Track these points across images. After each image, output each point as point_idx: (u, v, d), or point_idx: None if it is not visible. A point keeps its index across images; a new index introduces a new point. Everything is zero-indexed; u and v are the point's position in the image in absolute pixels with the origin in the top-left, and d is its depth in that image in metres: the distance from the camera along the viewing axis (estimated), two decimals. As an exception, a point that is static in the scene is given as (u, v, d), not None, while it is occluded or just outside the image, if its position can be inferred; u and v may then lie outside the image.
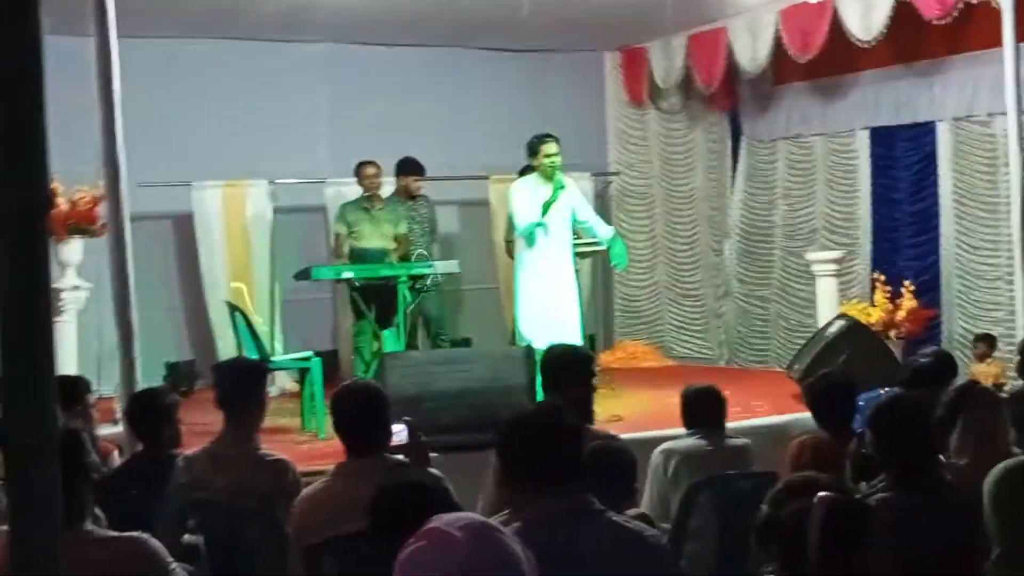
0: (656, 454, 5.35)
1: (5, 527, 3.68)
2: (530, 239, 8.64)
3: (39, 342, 2.02)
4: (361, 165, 9.87)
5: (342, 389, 4.27)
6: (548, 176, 8.57)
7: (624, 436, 5.17)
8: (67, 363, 8.03)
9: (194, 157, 10.51)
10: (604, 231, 9.01)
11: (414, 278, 9.33)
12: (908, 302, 9.83)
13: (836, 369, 6.57)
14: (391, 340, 9.02)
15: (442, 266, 9.54)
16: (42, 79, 2.03)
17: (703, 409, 5.51)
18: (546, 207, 8.50)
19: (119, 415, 7.00)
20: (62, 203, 8.45)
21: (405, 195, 10.22)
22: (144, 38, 9.40)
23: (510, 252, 9.67)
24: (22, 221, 1.99)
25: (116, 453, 5.88)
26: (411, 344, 9.61)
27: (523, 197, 8.65)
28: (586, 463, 2.99)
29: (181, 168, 10.36)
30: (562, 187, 8.55)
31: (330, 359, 9.61)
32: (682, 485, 5.09)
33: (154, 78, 9.93)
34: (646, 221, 12.54)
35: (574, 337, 8.27)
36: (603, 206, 12.16)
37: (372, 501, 2.82)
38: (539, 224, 8.54)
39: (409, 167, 10.19)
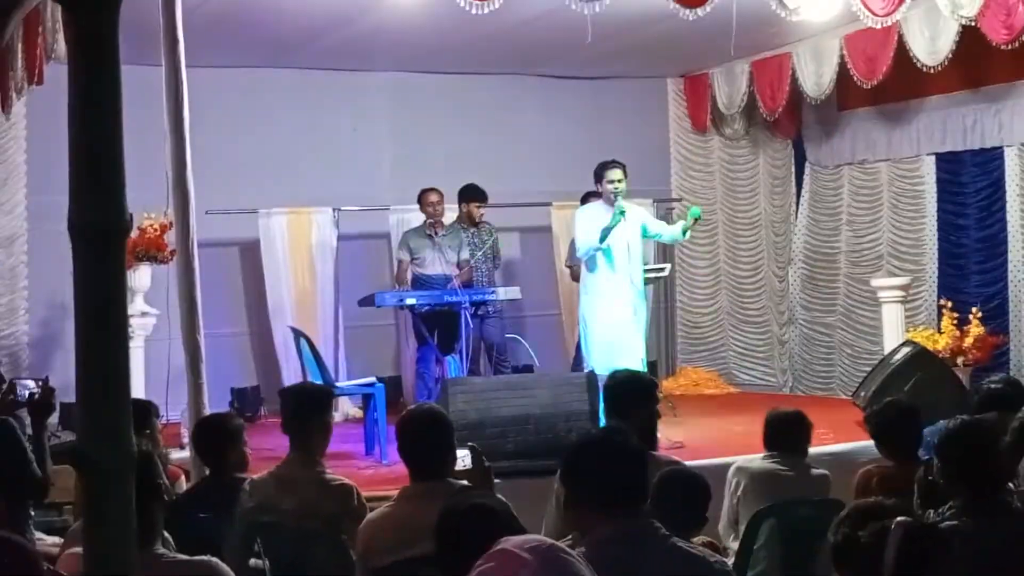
0: (731, 471, 5.36)
1: (75, 549, 3.75)
2: (590, 263, 8.65)
3: (115, 364, 2.06)
4: (424, 192, 9.95)
5: (407, 414, 4.30)
6: (612, 202, 8.57)
7: (687, 463, 5.16)
8: (135, 389, 8.13)
9: (260, 185, 10.66)
10: (675, 228, 8.97)
11: (477, 304, 9.39)
12: (975, 329, 9.72)
13: (900, 397, 6.49)
14: (454, 366, 9.06)
15: (504, 292, 9.57)
16: (120, 107, 2.08)
17: (783, 433, 5.48)
18: (605, 232, 8.49)
19: (185, 440, 7.09)
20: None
21: (468, 221, 10.26)
22: (212, 68, 9.55)
23: (575, 277, 9.69)
24: (101, 246, 2.04)
25: (183, 478, 5.96)
26: (473, 370, 9.65)
27: (585, 222, 8.66)
28: (658, 489, 3.00)
29: (248, 195, 10.49)
30: (622, 213, 8.52)
31: (393, 385, 9.67)
32: (750, 505, 5.08)
33: (221, 107, 10.10)
34: (709, 247, 12.50)
35: (637, 363, 8.25)
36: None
37: (438, 523, 2.84)
38: (599, 248, 8.53)
39: (471, 193, 10.24)
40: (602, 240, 8.48)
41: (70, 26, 2.07)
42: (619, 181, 8.57)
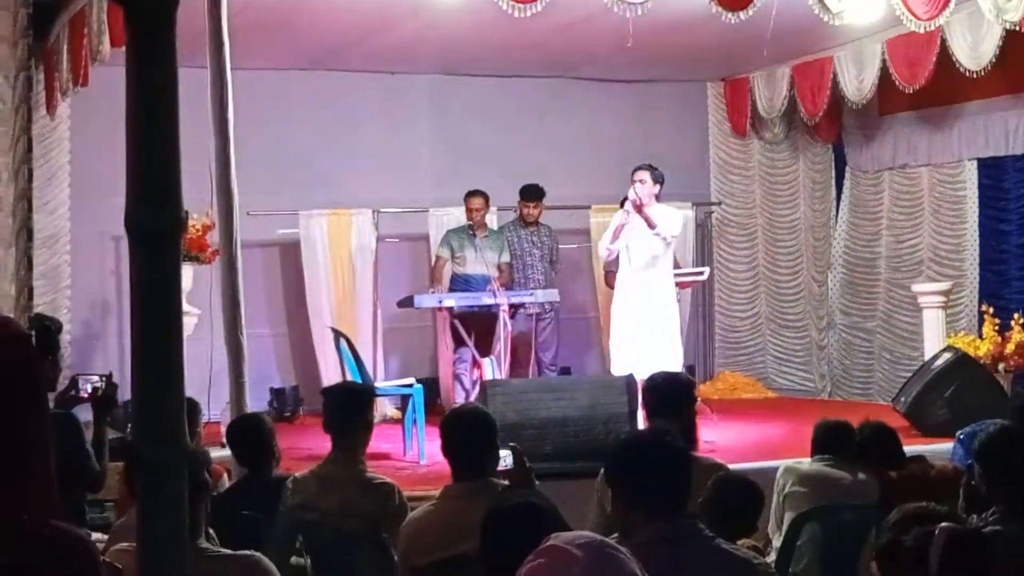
0: (779, 472, 5.36)
1: (121, 544, 3.78)
2: (615, 264, 8.78)
3: (170, 359, 2.09)
4: (469, 195, 9.99)
5: (452, 413, 4.33)
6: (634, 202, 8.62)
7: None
8: (177, 387, 8.20)
9: (301, 186, 10.72)
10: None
11: (516, 306, 9.43)
12: (1017, 335, 9.64)
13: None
14: (491, 368, 9.09)
15: (543, 295, 9.60)
16: (176, 106, 2.11)
17: (834, 440, 5.48)
18: (615, 232, 8.54)
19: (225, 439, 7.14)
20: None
21: (524, 220, 10.37)
22: (255, 70, 9.62)
23: (608, 283, 9.71)
24: (156, 242, 2.06)
25: (225, 476, 6.01)
26: (519, 372, 9.68)
27: (611, 224, 8.74)
28: (713, 492, 3.00)
29: (289, 196, 10.56)
30: (627, 211, 8.54)
31: (429, 386, 9.70)
32: (797, 505, 5.08)
33: (264, 109, 10.16)
34: (748, 251, 12.47)
35: (669, 364, 8.23)
36: (704, 236, 12.14)
37: (486, 521, 2.85)
38: (610, 248, 8.62)
39: (522, 192, 10.35)
40: (611, 240, 8.52)
41: (128, 25, 2.09)
42: (640, 182, 8.59)
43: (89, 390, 5.23)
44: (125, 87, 2.08)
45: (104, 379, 5.29)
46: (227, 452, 6.48)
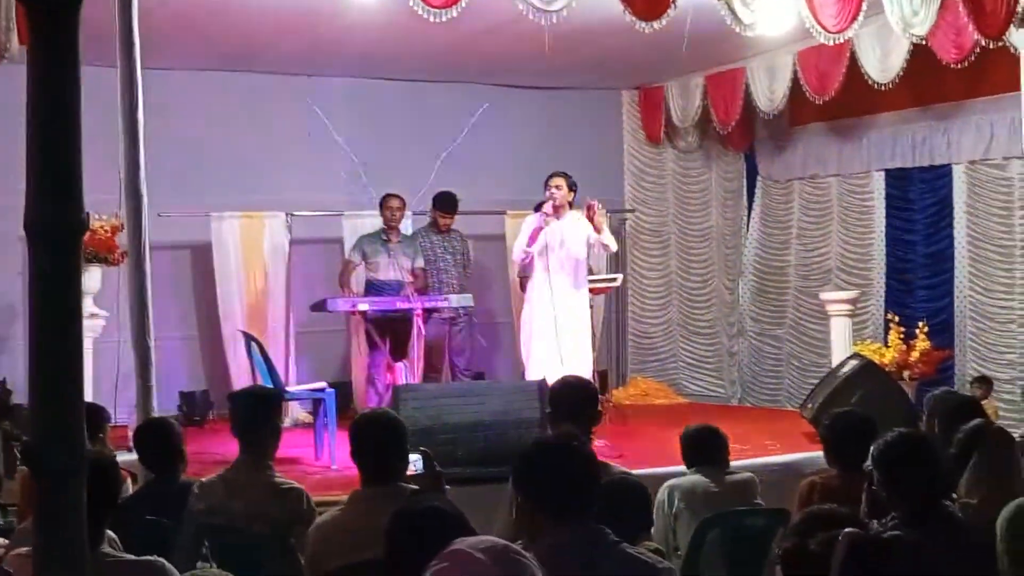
0: (661, 490, 5.37)
1: (22, 549, 3.72)
2: (528, 269, 8.81)
3: (69, 362, 2.06)
4: (386, 197, 9.98)
5: (362, 417, 4.31)
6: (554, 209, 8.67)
7: (633, 472, 5.19)
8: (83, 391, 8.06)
9: (214, 188, 10.60)
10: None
11: (430, 311, 9.42)
12: (922, 343, 9.85)
13: (858, 409, 6.40)
14: (404, 373, 9.06)
15: (457, 300, 9.59)
16: (79, 107, 2.08)
17: (703, 447, 5.51)
18: (531, 236, 8.58)
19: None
20: (83, 230, 8.50)
21: (437, 228, 10.36)
22: (168, 70, 9.51)
23: (523, 287, 9.73)
24: (56, 240, 2.03)
25: (130, 480, 5.93)
26: (433, 377, 9.67)
27: (524, 228, 8.78)
28: (603, 497, 3.01)
29: (201, 198, 10.44)
30: (546, 215, 8.60)
31: (342, 390, 9.65)
32: (685, 521, 5.11)
33: (176, 109, 10.03)
34: (660, 258, 12.58)
35: (580, 369, 8.27)
36: (618, 243, 12.21)
37: (390, 526, 2.83)
38: (526, 251, 8.63)
39: (438, 202, 10.34)
40: (528, 244, 8.57)
41: (31, 25, 2.06)
42: (556, 188, 8.67)
43: None
44: (27, 85, 2.06)
45: None
46: (134, 456, 6.39)
